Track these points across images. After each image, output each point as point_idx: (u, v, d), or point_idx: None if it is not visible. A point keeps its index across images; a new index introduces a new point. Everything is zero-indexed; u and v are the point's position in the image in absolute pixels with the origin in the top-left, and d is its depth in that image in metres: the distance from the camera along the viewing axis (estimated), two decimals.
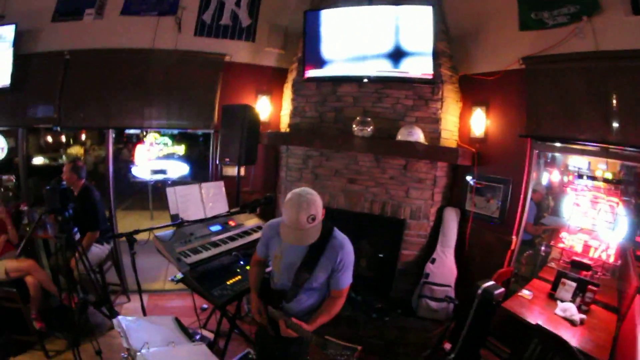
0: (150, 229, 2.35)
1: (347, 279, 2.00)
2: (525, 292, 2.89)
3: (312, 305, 2.08)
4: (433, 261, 3.50)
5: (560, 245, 3.02)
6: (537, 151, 3.20)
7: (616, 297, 2.72)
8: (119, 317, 2.11)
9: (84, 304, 2.57)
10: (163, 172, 6.51)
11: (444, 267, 3.46)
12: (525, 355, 2.56)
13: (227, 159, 3.63)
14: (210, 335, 3.23)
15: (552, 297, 2.84)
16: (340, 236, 2.02)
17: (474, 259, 3.54)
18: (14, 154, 4.19)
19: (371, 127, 3.56)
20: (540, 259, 3.20)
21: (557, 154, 3.25)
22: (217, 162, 3.82)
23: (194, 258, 2.67)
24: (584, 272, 2.79)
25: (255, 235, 3.26)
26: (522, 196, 3.22)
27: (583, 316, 2.57)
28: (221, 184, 3.51)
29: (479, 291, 2.68)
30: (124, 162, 7.31)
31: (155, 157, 7.24)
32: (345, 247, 1.99)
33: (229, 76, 4.18)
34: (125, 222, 5.72)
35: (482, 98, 3.54)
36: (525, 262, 3.24)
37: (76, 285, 3.43)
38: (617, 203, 2.72)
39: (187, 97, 4.11)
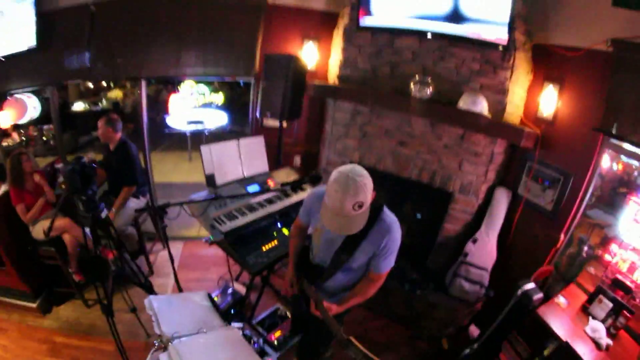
0: (182, 203, 2.22)
1: (388, 264, 1.82)
2: (561, 300, 2.65)
3: (348, 283, 1.96)
4: (475, 241, 3.25)
5: (607, 257, 2.70)
6: (608, 150, 2.66)
7: None
8: (151, 297, 2.10)
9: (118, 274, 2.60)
10: (200, 122, 6.10)
11: (485, 250, 3.22)
12: None
13: (269, 113, 3.35)
14: (242, 289, 3.31)
15: (585, 310, 2.60)
16: (388, 219, 1.79)
17: (516, 248, 3.27)
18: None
19: (431, 89, 3.13)
20: (580, 261, 2.89)
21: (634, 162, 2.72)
22: (258, 115, 3.54)
23: (229, 225, 2.58)
24: (622, 293, 2.52)
25: (295, 198, 3.11)
26: (580, 194, 2.78)
27: (610, 342, 2.35)
28: (261, 139, 3.29)
29: (519, 292, 2.48)
30: (164, 103, 7.00)
31: (191, 106, 6.82)
32: (393, 232, 1.77)
33: (272, 20, 3.69)
34: (162, 166, 5.76)
35: (557, 74, 2.92)
36: (566, 262, 2.93)
37: (113, 239, 3.58)
38: None
39: (226, 42, 3.70)
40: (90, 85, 6.81)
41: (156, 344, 1.84)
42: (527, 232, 3.17)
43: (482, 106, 3.01)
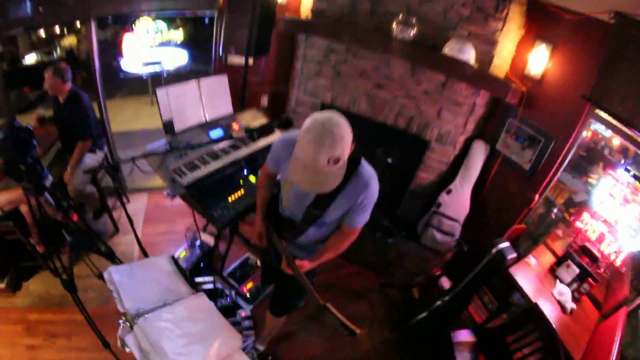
0: (133, 159, 1.91)
1: (364, 218, 1.67)
2: (532, 260, 2.69)
3: (320, 237, 1.82)
4: (449, 192, 3.20)
5: (578, 224, 2.75)
6: (592, 120, 2.55)
7: (604, 296, 2.55)
8: (111, 269, 1.88)
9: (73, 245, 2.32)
10: (157, 63, 5.40)
11: (458, 202, 3.18)
12: (507, 319, 2.57)
13: (233, 49, 2.95)
14: (211, 240, 3.14)
15: (553, 272, 2.67)
16: (367, 173, 1.60)
17: (490, 203, 3.23)
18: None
19: (415, 31, 2.83)
20: (549, 222, 2.93)
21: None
22: (221, 52, 3.12)
23: (191, 177, 2.32)
24: (588, 261, 2.59)
25: (263, 142, 2.84)
26: (560, 159, 2.71)
27: (574, 306, 2.44)
28: (224, 79, 2.93)
29: (493, 251, 2.44)
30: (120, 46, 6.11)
31: (147, 46, 5.94)
32: (370, 187, 1.59)
33: None
34: (122, 114, 5.22)
35: (551, 35, 2.73)
36: (537, 221, 2.95)
37: (71, 200, 3.17)
38: None
39: None
40: (42, 34, 5.88)
41: (121, 324, 1.68)
42: (502, 188, 3.12)
43: (470, 55, 2.80)
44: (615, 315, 2.31)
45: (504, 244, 2.50)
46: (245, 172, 2.74)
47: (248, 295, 2.87)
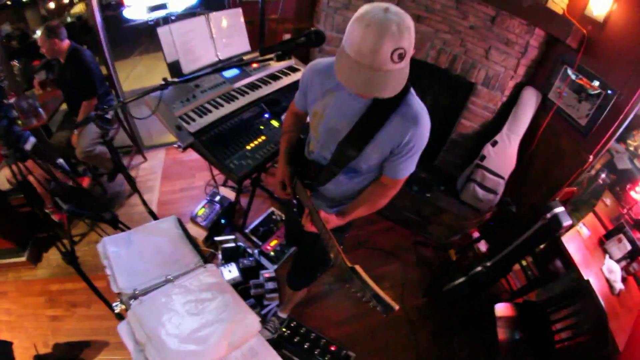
0: (122, 104, 1.56)
1: (409, 167, 1.32)
2: (584, 230, 2.32)
3: (353, 190, 1.47)
4: (494, 144, 2.77)
5: (633, 194, 2.30)
6: None
7: None
8: (105, 239, 1.62)
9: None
10: (163, 7, 4.94)
11: (504, 155, 2.75)
12: (553, 292, 2.22)
13: None
14: (231, 195, 2.86)
15: (602, 245, 2.28)
16: (417, 104, 1.24)
17: (538, 159, 2.78)
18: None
19: None
20: (596, 187, 2.49)
21: None
22: None
23: (200, 123, 1.98)
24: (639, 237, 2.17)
25: (286, 80, 2.47)
26: (620, 118, 2.23)
27: (622, 286, 2.09)
28: (238, 11, 2.51)
29: (548, 215, 2.07)
30: None
31: None
32: (421, 123, 1.22)
33: None
34: (140, 69, 4.79)
35: None
36: (586, 185, 2.52)
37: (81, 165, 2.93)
38: None
39: None
40: (51, 5, 5.46)
41: (116, 308, 1.42)
42: (553, 144, 2.65)
43: None
44: None
45: (559, 209, 2.12)
46: (266, 116, 2.36)
47: (272, 254, 2.63)
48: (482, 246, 2.94)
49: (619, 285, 2.11)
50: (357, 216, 1.43)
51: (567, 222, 2.12)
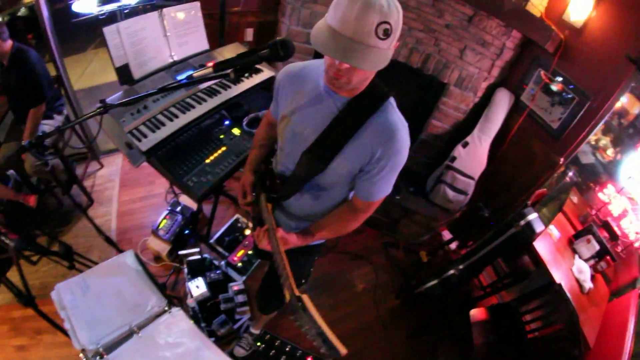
0: (60, 129, 1.29)
1: (383, 189, 1.15)
2: (554, 232, 2.32)
3: (321, 209, 1.30)
4: (465, 145, 2.69)
5: (601, 196, 2.33)
6: (633, 85, 2.04)
7: (615, 274, 2.30)
8: (58, 286, 1.43)
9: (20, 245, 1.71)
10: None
11: (475, 156, 2.69)
12: (526, 291, 2.26)
13: None
14: (193, 204, 2.64)
15: (571, 245, 2.34)
16: (395, 116, 1.09)
17: (508, 160, 2.74)
18: None
19: None
20: (564, 185, 2.51)
21: None
22: None
23: (153, 139, 1.72)
24: (608, 237, 2.25)
25: (247, 83, 2.20)
26: (592, 123, 2.23)
27: (592, 285, 2.14)
28: (196, 5, 2.19)
29: (521, 222, 2.02)
30: None
31: None
32: (397, 137, 1.06)
33: None
34: (95, 65, 4.16)
35: None
36: (554, 183, 2.52)
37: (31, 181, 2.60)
38: None
39: None
40: None
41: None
42: (524, 145, 2.62)
43: None
44: (627, 296, 2.06)
45: (533, 215, 2.07)
46: (227, 122, 2.14)
47: (240, 265, 2.47)
48: (447, 236, 2.93)
49: (588, 285, 2.16)
50: (321, 238, 1.29)
51: (540, 228, 2.08)
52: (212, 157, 1.93)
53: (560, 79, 2.36)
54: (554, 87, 2.39)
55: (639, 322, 1.87)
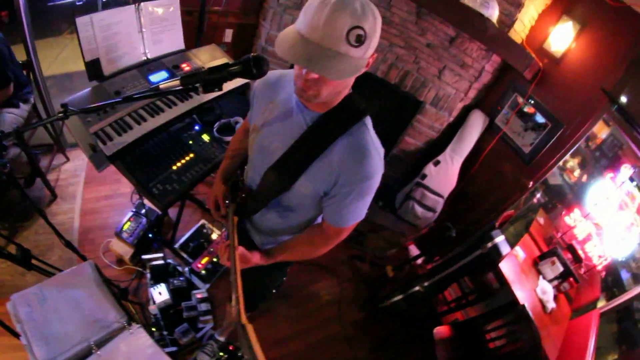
0: (23, 129, 1.18)
1: (355, 213, 1.07)
2: (520, 253, 2.36)
3: (289, 228, 1.23)
4: (437, 163, 2.70)
5: (567, 220, 2.40)
6: (606, 117, 2.12)
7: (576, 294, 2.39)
8: (14, 298, 1.34)
9: None
10: None
11: (446, 175, 2.70)
12: (489, 308, 2.31)
13: None
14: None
15: (535, 266, 2.39)
16: (369, 138, 1.00)
17: (478, 181, 2.77)
18: None
19: None
20: (531, 206, 2.57)
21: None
22: None
23: (118, 142, 1.61)
24: (571, 259, 2.32)
25: (223, 88, 2.09)
26: (563, 150, 2.29)
27: (554, 305, 2.20)
28: (175, 2, 2.05)
29: (488, 245, 2.05)
30: None
31: None
32: (369, 162, 0.98)
33: None
34: (69, 52, 3.89)
35: (582, 13, 2.20)
36: (522, 205, 2.58)
37: None
38: None
39: None
40: None
41: None
42: (495, 167, 2.66)
43: (494, 12, 2.20)
44: (588, 315, 2.13)
45: (500, 238, 2.11)
46: (196, 127, 2.04)
47: (204, 273, 2.37)
48: (415, 252, 2.94)
49: (551, 305, 2.21)
50: (287, 259, 1.19)
51: (506, 251, 2.13)
52: (179, 164, 1.84)
53: (535, 104, 2.41)
54: (528, 112, 2.44)
55: (599, 340, 1.95)
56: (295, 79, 0.91)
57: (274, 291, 1.59)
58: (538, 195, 2.54)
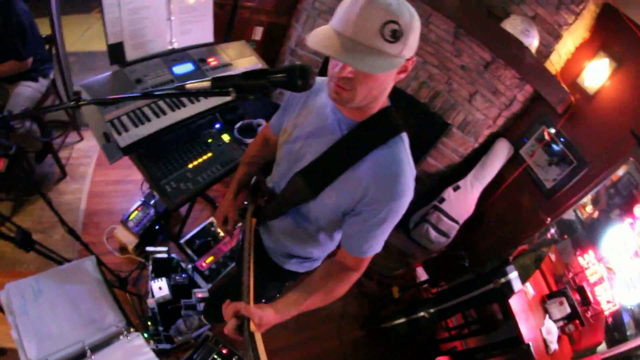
0: (32, 113, 1.07)
1: (380, 240, 0.97)
2: (529, 290, 2.21)
3: (298, 239, 1.13)
4: (456, 188, 2.54)
5: (581, 260, 2.25)
6: (631, 166, 1.94)
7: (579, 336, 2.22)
8: (8, 287, 1.22)
9: None
10: None
11: (465, 201, 2.54)
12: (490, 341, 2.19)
13: None
14: None
15: (543, 303, 2.24)
16: (404, 154, 0.91)
17: (495, 210, 2.62)
18: None
19: None
20: (544, 240, 2.43)
21: None
22: None
23: (134, 134, 1.46)
24: (579, 301, 2.16)
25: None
26: (585, 190, 2.14)
27: (557, 347, 2.06)
28: None
29: (502, 280, 1.92)
30: None
31: None
32: (403, 179, 0.88)
33: None
34: (97, 30, 3.71)
35: (619, 51, 2.03)
36: (537, 240, 2.43)
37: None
38: None
39: None
40: None
41: None
42: (514, 199, 2.50)
43: (533, 41, 2.04)
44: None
45: (513, 274, 1.97)
46: (217, 126, 1.90)
47: (207, 273, 2.23)
48: (423, 275, 2.79)
49: (554, 346, 2.07)
50: (308, 308, 0.96)
51: (518, 288, 2.00)
52: (195, 162, 1.70)
53: (562, 140, 2.25)
54: (556, 147, 2.28)
55: None
56: (329, 80, 0.82)
57: (263, 300, 1.45)
58: (552, 231, 2.39)
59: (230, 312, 0.80)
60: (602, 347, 1.98)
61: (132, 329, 1.30)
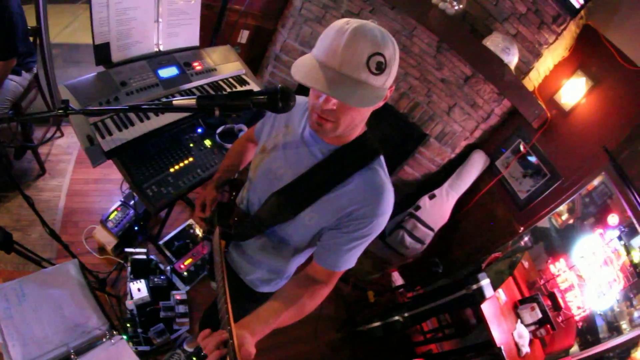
0: (16, 119, 1.05)
1: (355, 255, 0.98)
2: (502, 295, 2.31)
3: (274, 258, 1.12)
4: (432, 197, 2.63)
5: (552, 268, 2.36)
6: (605, 177, 2.06)
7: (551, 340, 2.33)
8: None
9: None
10: None
11: (440, 210, 2.63)
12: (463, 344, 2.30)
13: None
14: None
15: (515, 309, 2.35)
16: (384, 175, 0.93)
17: (470, 219, 2.72)
18: None
19: (462, 6, 2.04)
20: (518, 247, 2.55)
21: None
22: None
23: (117, 139, 1.48)
24: (550, 306, 2.27)
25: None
26: (558, 202, 2.25)
27: (528, 350, 2.16)
28: None
29: (474, 286, 2.01)
30: None
31: None
32: (385, 198, 0.91)
33: None
34: (83, 21, 3.49)
35: (596, 70, 2.15)
36: (510, 248, 2.55)
37: None
38: (622, 284, 2.03)
39: None
40: None
41: None
42: (488, 208, 2.60)
43: (513, 59, 2.14)
44: None
45: (485, 281, 2.07)
46: (199, 130, 1.92)
47: (185, 274, 2.24)
48: (398, 279, 2.88)
49: (525, 349, 2.17)
50: (281, 324, 0.96)
51: (490, 294, 2.09)
52: (177, 167, 1.72)
53: (537, 153, 2.37)
54: (531, 160, 2.40)
55: None
56: (311, 110, 0.83)
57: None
58: (526, 239, 2.50)
59: (212, 345, 0.73)
60: (575, 349, 2.10)
61: (115, 332, 1.32)
